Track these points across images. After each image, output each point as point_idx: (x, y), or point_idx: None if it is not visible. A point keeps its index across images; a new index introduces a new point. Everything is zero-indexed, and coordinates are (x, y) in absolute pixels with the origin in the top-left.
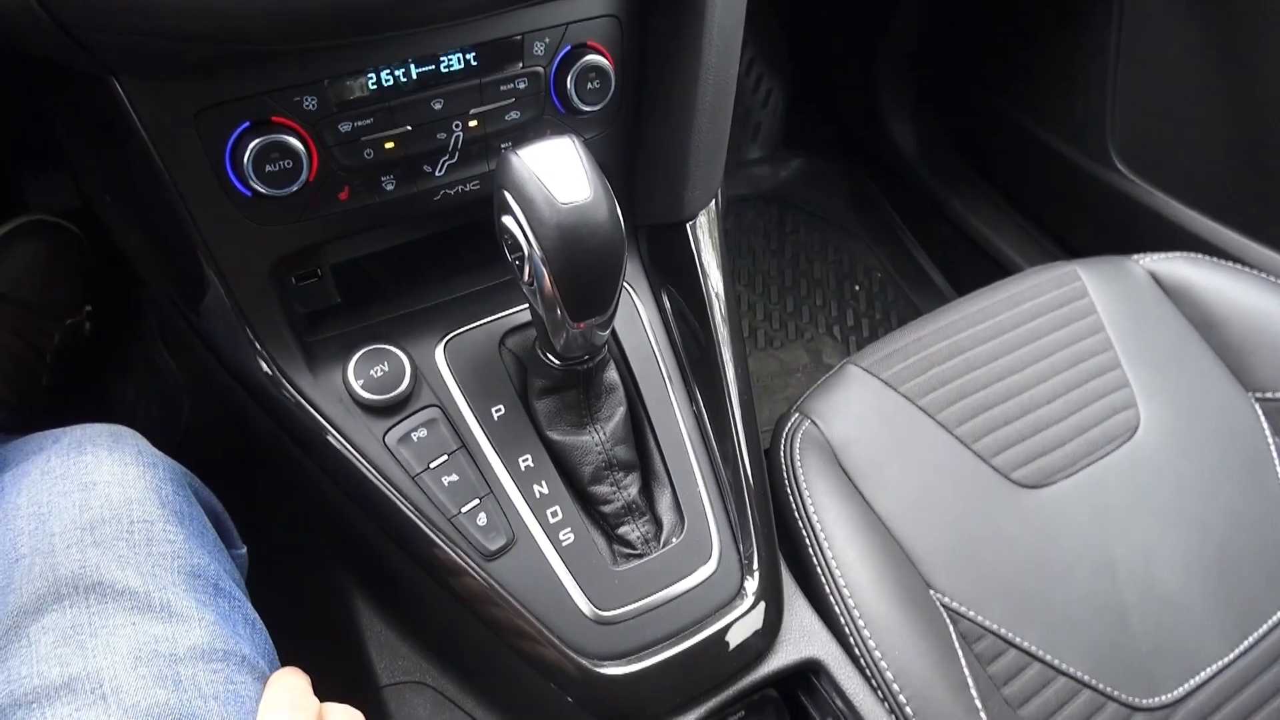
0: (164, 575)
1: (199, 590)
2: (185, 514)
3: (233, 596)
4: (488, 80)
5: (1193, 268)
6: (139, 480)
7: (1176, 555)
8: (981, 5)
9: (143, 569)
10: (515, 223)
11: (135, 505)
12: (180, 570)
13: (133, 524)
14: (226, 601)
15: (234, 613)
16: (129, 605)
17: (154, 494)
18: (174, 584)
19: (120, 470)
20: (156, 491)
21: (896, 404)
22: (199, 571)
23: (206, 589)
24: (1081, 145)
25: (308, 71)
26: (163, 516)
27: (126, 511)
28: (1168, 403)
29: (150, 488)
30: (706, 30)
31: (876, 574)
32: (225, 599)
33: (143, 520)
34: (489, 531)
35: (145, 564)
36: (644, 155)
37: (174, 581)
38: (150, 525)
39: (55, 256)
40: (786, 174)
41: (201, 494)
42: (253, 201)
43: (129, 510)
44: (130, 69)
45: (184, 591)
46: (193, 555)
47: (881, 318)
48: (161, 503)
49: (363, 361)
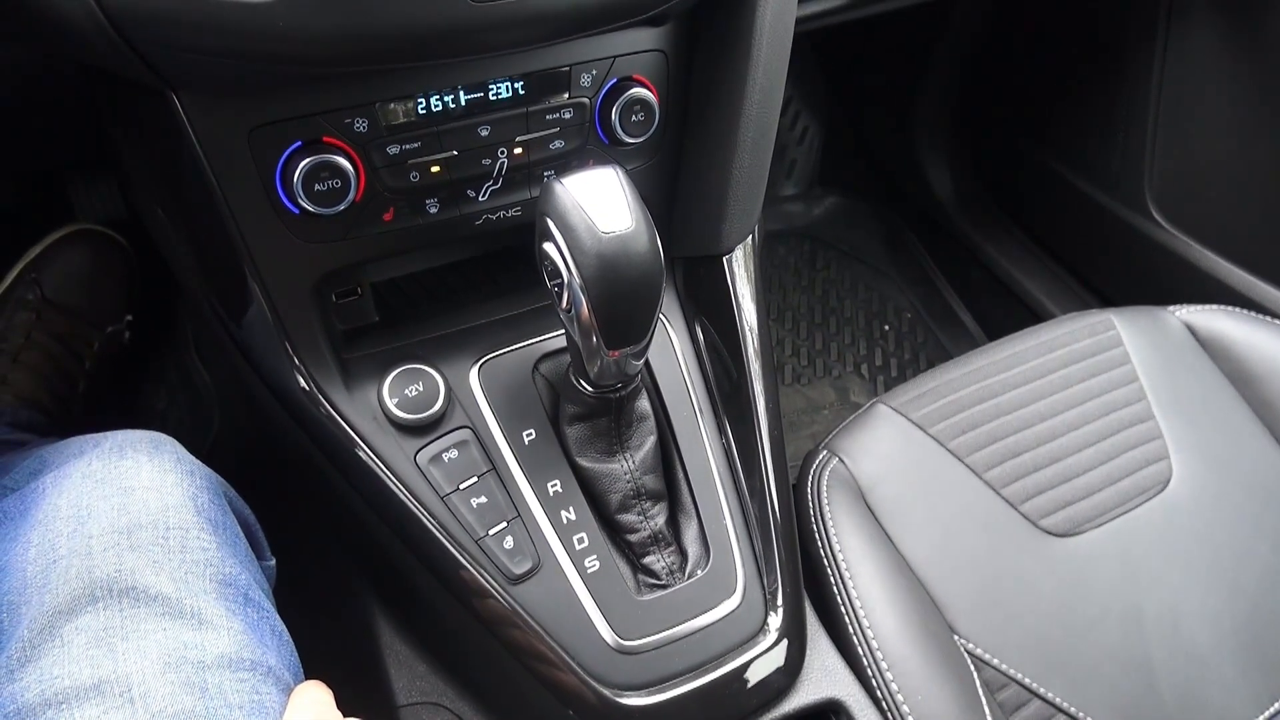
0: (196, 582)
1: (229, 599)
2: (219, 523)
3: (261, 607)
4: (534, 109)
5: (1230, 321)
6: (177, 487)
7: (1207, 613)
8: (1021, 53)
9: (176, 575)
10: (556, 250)
11: (172, 512)
12: (212, 578)
13: (168, 530)
14: (255, 611)
15: (262, 623)
16: (161, 611)
17: (190, 502)
18: (205, 591)
19: (159, 477)
20: (193, 499)
21: (926, 445)
22: (230, 580)
23: (236, 598)
24: (1118, 194)
25: (360, 94)
26: (198, 524)
27: (163, 518)
28: (1201, 456)
29: (187, 495)
30: (751, 68)
31: (901, 616)
32: (254, 609)
33: (178, 527)
34: (515, 555)
35: (179, 570)
36: (684, 188)
37: (205, 589)
38: (185, 532)
39: (100, 265)
40: (820, 211)
41: (235, 504)
42: (300, 219)
43: (165, 517)
44: (190, 86)
45: (214, 599)
46: (224, 564)
47: (910, 358)
48: (197, 510)
49: (398, 380)
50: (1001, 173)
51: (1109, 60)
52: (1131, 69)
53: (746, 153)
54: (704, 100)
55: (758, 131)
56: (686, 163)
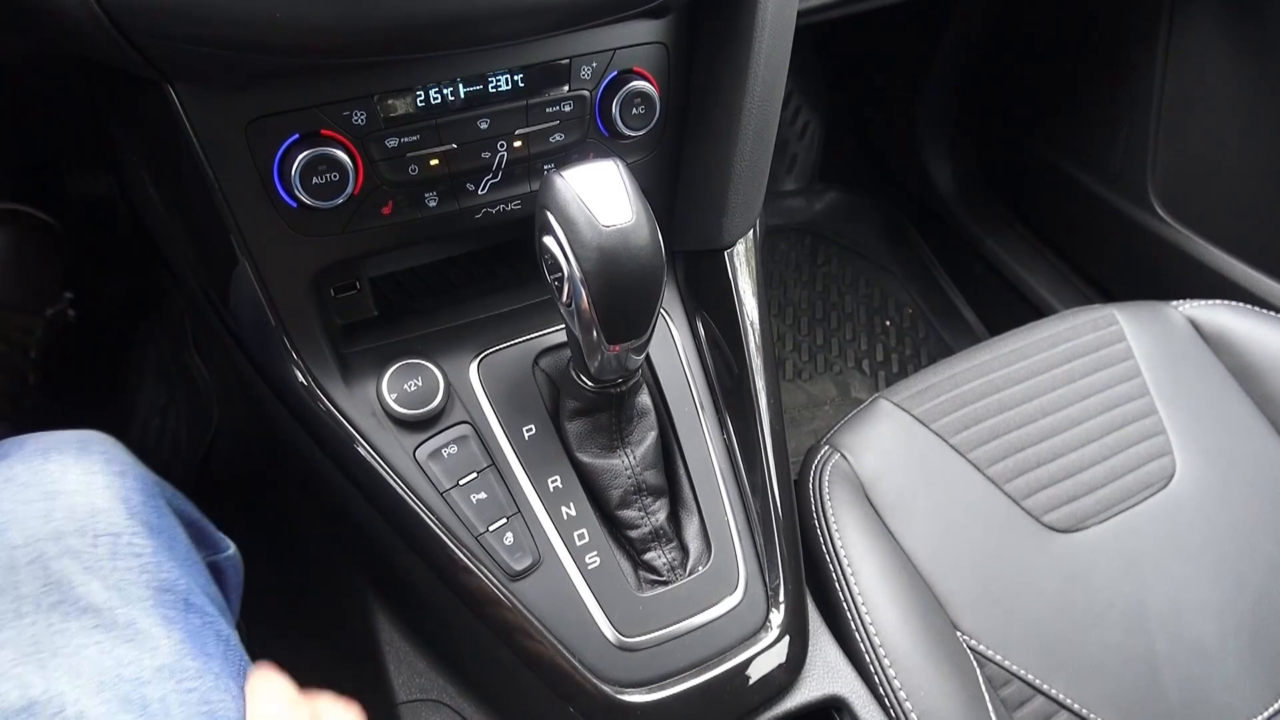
0: (130, 590)
1: (167, 606)
2: (155, 525)
3: (204, 612)
4: (534, 102)
5: (1233, 315)
6: (105, 490)
7: (1210, 608)
8: (1023, 47)
9: (108, 584)
10: (556, 243)
11: (101, 516)
12: (148, 585)
13: (98, 537)
14: (198, 617)
15: (205, 629)
16: (93, 623)
17: (121, 505)
18: (141, 599)
19: (86, 479)
20: (124, 502)
21: (928, 441)
22: (168, 586)
23: (176, 604)
24: (1121, 189)
25: (358, 87)
26: (130, 528)
27: (91, 523)
28: (1204, 451)
29: (118, 498)
30: (753, 60)
31: (903, 612)
32: (196, 615)
33: (108, 533)
34: (515, 551)
35: (110, 579)
36: (685, 181)
37: (141, 597)
38: (116, 539)
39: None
40: (821, 206)
41: (175, 502)
42: (298, 212)
43: (94, 522)
44: (186, 78)
45: (151, 607)
46: (161, 569)
47: (911, 354)
48: (130, 513)
49: (397, 375)
50: (1003, 167)
51: (1112, 53)
52: (1134, 62)
53: (748, 146)
54: (705, 93)
55: (759, 124)
56: (687, 156)
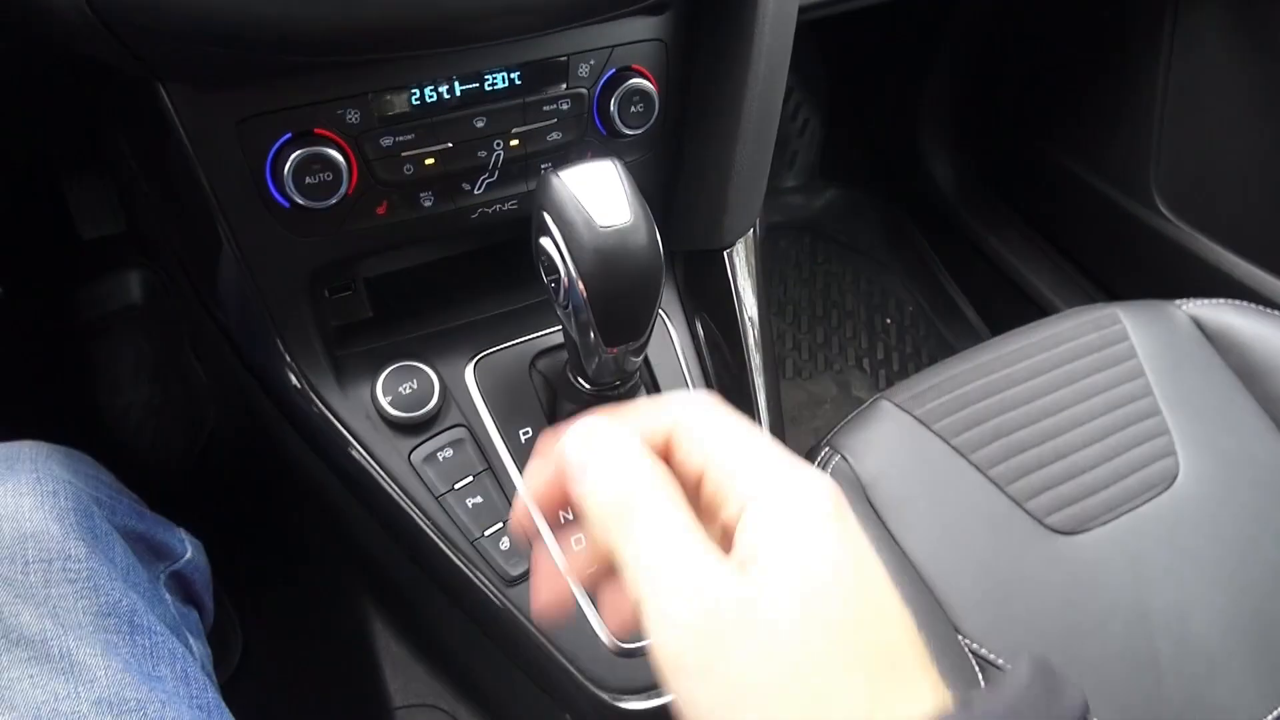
0: (67, 617)
1: (110, 631)
2: (93, 545)
3: (153, 632)
4: (531, 100)
5: (1238, 315)
6: (36, 511)
7: (1215, 611)
8: (1026, 44)
9: (42, 612)
10: (553, 244)
11: (32, 541)
12: (86, 610)
13: (29, 564)
14: (145, 639)
15: (154, 651)
16: (26, 656)
17: (56, 525)
18: (79, 626)
19: (14, 501)
20: (59, 521)
21: (929, 442)
22: (110, 609)
23: (119, 628)
24: (1124, 187)
25: (352, 85)
26: (64, 551)
27: (21, 549)
28: (1208, 452)
29: (50, 518)
30: (753, 57)
31: None
32: (143, 636)
33: (40, 559)
34: (511, 556)
35: (45, 606)
36: (684, 181)
37: (79, 623)
38: (49, 564)
39: None
40: (821, 204)
41: (118, 515)
42: (291, 213)
43: (24, 548)
44: (176, 75)
45: (90, 634)
46: (100, 592)
47: (912, 352)
48: (64, 534)
49: (392, 378)
50: (1005, 165)
51: (1115, 49)
52: (1138, 58)
53: (748, 144)
54: (705, 91)
55: (759, 122)
56: (687, 155)
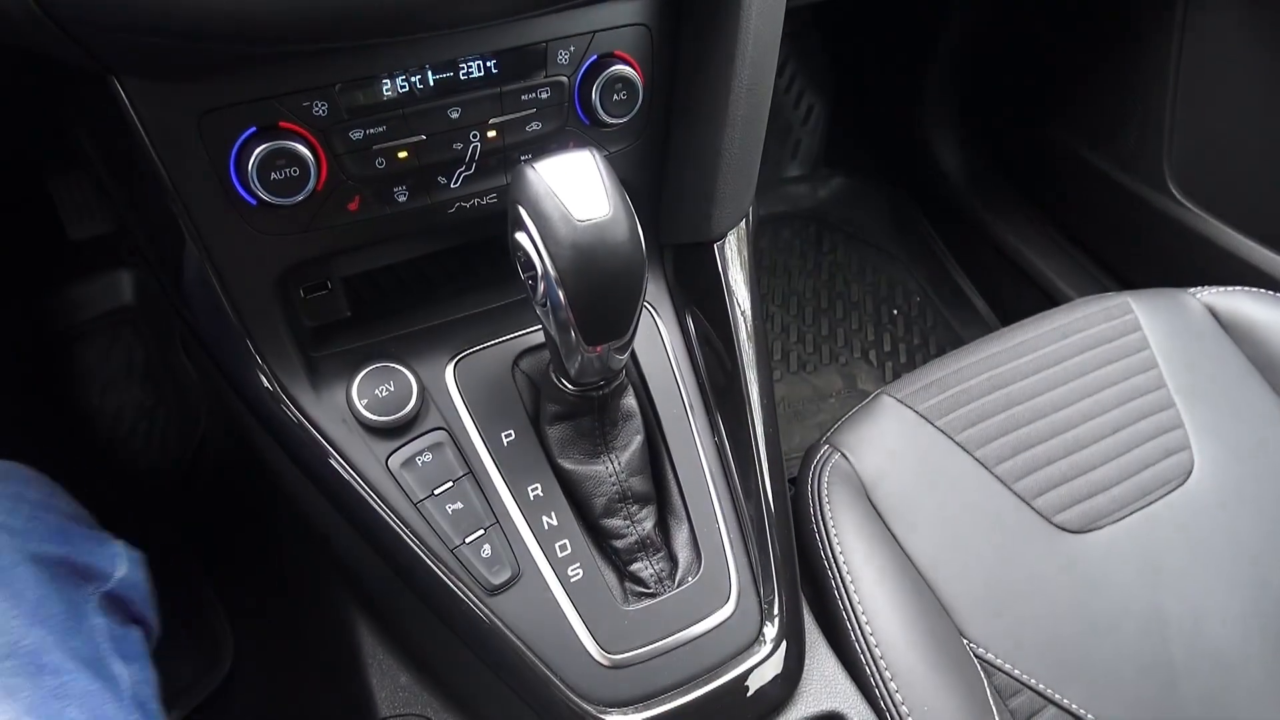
0: None
1: (9, 674)
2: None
3: (60, 670)
4: (508, 89)
5: (1254, 302)
6: None
7: (1231, 613)
8: (1034, 26)
9: None
10: (529, 239)
11: None
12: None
13: None
14: (52, 678)
15: (62, 691)
16: None
17: None
18: None
19: None
20: None
21: (932, 439)
22: (10, 650)
23: (22, 669)
24: (1136, 172)
25: (318, 75)
26: None
27: None
28: (1224, 446)
29: None
30: (741, 41)
31: (906, 621)
32: (50, 675)
33: None
34: (493, 564)
35: None
36: (671, 171)
37: None
38: None
39: None
40: (825, 193)
41: (32, 542)
42: (258, 210)
43: None
44: (130, 69)
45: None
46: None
47: (920, 343)
48: None
49: (368, 380)
50: (1013, 149)
51: (1125, 30)
52: (1149, 39)
53: (737, 132)
54: (691, 76)
55: (749, 109)
56: (674, 144)
